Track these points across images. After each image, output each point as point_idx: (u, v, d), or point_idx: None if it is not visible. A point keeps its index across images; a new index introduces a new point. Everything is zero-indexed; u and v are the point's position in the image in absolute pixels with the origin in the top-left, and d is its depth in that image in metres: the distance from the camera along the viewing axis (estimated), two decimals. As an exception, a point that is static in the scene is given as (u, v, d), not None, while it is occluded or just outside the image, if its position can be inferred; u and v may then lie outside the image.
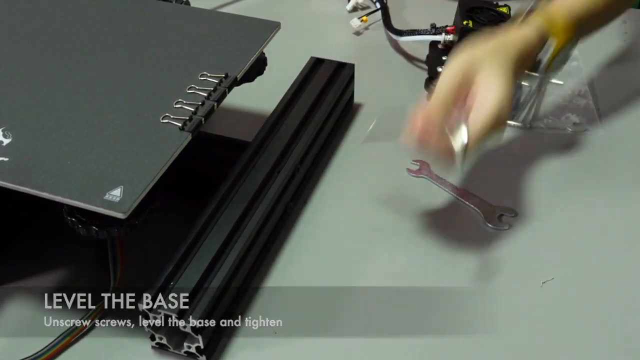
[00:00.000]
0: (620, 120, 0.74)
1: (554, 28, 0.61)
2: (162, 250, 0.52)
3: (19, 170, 0.47)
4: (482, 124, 0.52)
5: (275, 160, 0.60)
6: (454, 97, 0.54)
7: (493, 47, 0.56)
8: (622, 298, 0.55)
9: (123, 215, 0.44)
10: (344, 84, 0.71)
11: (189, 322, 0.47)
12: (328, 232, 0.61)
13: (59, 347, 0.51)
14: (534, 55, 0.61)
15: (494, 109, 0.52)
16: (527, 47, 0.59)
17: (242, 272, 0.54)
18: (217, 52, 0.59)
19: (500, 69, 0.54)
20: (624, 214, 0.63)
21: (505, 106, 0.53)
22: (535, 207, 0.63)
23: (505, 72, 0.55)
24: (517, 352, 0.51)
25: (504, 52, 0.56)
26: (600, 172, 0.67)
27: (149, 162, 0.48)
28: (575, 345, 0.52)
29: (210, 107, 0.53)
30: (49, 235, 0.61)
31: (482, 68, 0.54)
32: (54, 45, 0.59)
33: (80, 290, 0.56)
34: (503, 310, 0.54)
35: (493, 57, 0.55)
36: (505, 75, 0.54)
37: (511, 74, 0.55)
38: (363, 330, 0.53)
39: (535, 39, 0.60)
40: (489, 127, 0.52)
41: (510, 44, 0.58)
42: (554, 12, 0.61)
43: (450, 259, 0.58)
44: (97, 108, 0.53)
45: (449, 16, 0.82)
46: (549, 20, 0.61)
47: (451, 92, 0.54)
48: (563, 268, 0.57)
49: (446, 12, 0.91)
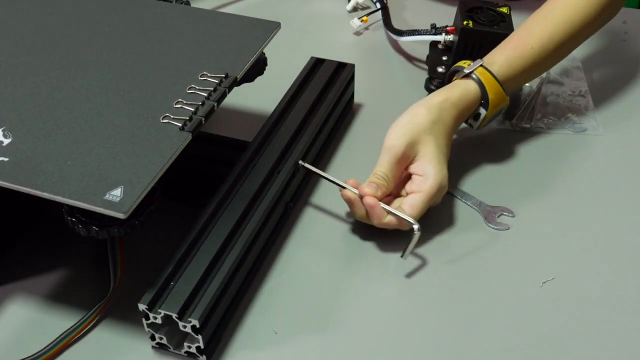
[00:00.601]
0: (620, 120, 0.74)
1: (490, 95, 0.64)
2: (162, 250, 0.52)
3: (19, 170, 0.47)
4: (421, 205, 0.58)
5: (275, 160, 0.60)
6: (395, 175, 0.60)
7: (431, 119, 0.61)
8: (622, 298, 0.55)
9: (123, 216, 0.44)
10: (344, 84, 0.71)
11: (189, 322, 0.47)
12: (328, 232, 0.61)
13: (59, 347, 0.51)
14: (470, 113, 0.66)
15: (431, 193, 0.58)
16: (463, 112, 0.64)
17: (242, 272, 0.54)
18: (217, 52, 0.59)
19: (436, 148, 0.60)
20: (623, 214, 0.63)
21: (442, 187, 0.59)
22: (535, 207, 0.63)
23: (441, 150, 0.60)
24: (517, 352, 0.51)
25: (441, 125, 0.62)
26: (600, 172, 0.67)
27: (149, 162, 0.48)
28: (575, 345, 0.52)
29: (211, 107, 0.53)
30: (49, 235, 0.61)
31: (421, 145, 0.60)
32: (54, 46, 0.60)
33: (80, 290, 0.56)
34: (503, 310, 0.54)
35: (431, 133, 0.60)
36: (440, 154, 0.60)
37: (445, 149, 0.61)
38: (363, 330, 0.53)
39: (472, 101, 0.64)
40: (427, 206, 0.59)
41: (447, 113, 0.62)
42: (492, 80, 0.64)
43: (450, 258, 0.58)
44: (97, 108, 0.53)
45: (449, 16, 0.82)
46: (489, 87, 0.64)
47: (391, 172, 0.59)
48: (563, 268, 0.57)
49: (446, 12, 0.91)
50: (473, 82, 0.64)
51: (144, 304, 0.47)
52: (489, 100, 0.64)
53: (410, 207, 0.58)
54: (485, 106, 0.64)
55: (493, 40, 0.73)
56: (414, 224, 0.56)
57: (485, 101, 0.64)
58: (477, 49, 0.74)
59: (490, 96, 0.64)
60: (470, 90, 0.64)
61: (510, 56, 0.65)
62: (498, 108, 0.65)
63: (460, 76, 0.65)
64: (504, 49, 0.66)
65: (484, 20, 0.74)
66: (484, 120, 0.66)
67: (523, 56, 0.65)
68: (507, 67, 0.65)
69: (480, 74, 0.64)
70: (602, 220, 0.62)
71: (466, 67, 0.65)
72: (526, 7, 0.93)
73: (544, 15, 0.67)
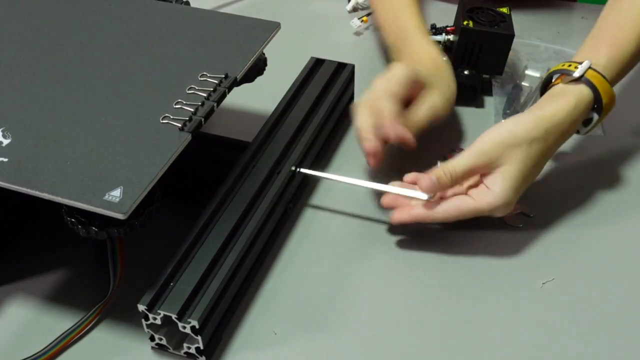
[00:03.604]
0: (620, 120, 0.74)
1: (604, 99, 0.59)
2: (162, 250, 0.52)
3: (18, 170, 0.47)
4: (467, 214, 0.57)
5: (275, 161, 0.60)
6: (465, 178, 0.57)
7: (533, 135, 0.57)
8: (622, 299, 0.55)
9: (123, 216, 0.44)
10: (344, 84, 0.71)
11: (189, 323, 0.47)
12: (328, 232, 0.61)
13: (59, 347, 0.51)
14: (581, 121, 0.61)
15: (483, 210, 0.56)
16: (575, 122, 0.59)
17: (242, 272, 0.54)
18: (217, 52, 0.59)
19: (519, 169, 0.56)
20: (623, 215, 0.63)
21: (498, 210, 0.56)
22: (534, 207, 0.63)
23: (522, 173, 0.56)
24: (517, 352, 0.51)
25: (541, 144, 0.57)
26: (600, 173, 0.67)
27: (149, 162, 0.48)
28: (575, 346, 0.52)
29: (210, 108, 0.53)
30: (49, 235, 0.61)
31: (505, 159, 0.56)
32: (54, 46, 0.60)
33: (80, 290, 0.56)
34: (503, 310, 0.54)
35: (525, 151, 0.56)
36: (520, 177, 0.56)
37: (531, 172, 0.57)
38: (363, 330, 0.53)
39: (587, 108, 0.59)
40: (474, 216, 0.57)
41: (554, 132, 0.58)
42: (604, 82, 0.59)
43: (451, 258, 0.58)
44: (97, 108, 0.53)
45: (449, 16, 0.82)
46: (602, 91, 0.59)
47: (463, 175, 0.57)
48: (563, 268, 0.57)
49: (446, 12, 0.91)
50: (585, 87, 0.59)
51: (143, 305, 0.47)
52: (603, 105, 0.59)
53: (455, 208, 0.56)
54: (599, 111, 0.60)
55: (493, 41, 0.73)
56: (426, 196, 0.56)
57: (599, 105, 0.59)
58: (478, 49, 0.74)
59: (605, 100, 0.59)
60: (585, 96, 0.59)
61: (612, 55, 0.61)
62: (609, 111, 0.61)
63: (567, 80, 0.60)
64: (600, 46, 0.62)
65: (484, 20, 0.74)
66: (595, 125, 0.61)
67: (623, 53, 0.61)
68: (611, 67, 0.61)
69: (592, 77, 0.59)
70: (602, 220, 0.62)
71: (574, 69, 0.60)
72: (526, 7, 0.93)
73: (627, 5, 0.63)
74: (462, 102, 0.75)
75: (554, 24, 0.91)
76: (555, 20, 0.92)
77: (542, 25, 0.91)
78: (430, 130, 0.64)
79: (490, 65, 0.76)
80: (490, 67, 0.76)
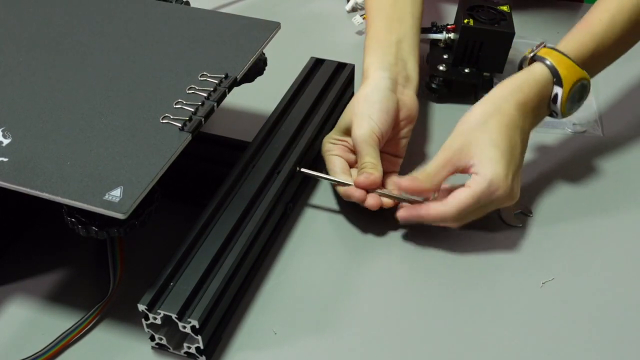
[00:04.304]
0: (620, 120, 0.74)
1: (561, 70, 0.59)
2: (162, 250, 0.52)
3: (18, 170, 0.47)
4: (465, 201, 0.56)
5: (275, 161, 0.60)
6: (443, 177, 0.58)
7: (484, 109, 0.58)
8: (622, 299, 0.55)
9: (123, 216, 0.44)
10: (344, 84, 0.71)
11: (189, 323, 0.47)
12: (328, 232, 0.61)
13: (59, 347, 0.51)
14: (546, 99, 0.61)
15: (477, 191, 0.55)
16: (530, 97, 0.59)
17: (242, 272, 0.54)
18: (217, 52, 0.59)
19: (489, 146, 0.56)
20: (623, 215, 0.63)
21: (494, 188, 0.55)
22: (534, 207, 0.63)
23: (497, 146, 0.56)
24: (517, 352, 0.51)
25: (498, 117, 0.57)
26: (599, 173, 0.67)
27: (149, 162, 0.48)
28: (575, 346, 0.52)
29: (210, 108, 0.53)
30: (49, 235, 0.61)
31: (473, 145, 0.57)
32: (54, 46, 0.59)
33: (80, 290, 0.56)
34: (503, 309, 0.54)
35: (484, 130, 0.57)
36: (497, 151, 0.56)
37: (505, 144, 0.56)
38: (363, 330, 0.53)
39: (541, 83, 0.60)
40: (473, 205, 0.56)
41: (506, 102, 0.58)
42: (559, 56, 0.60)
43: (451, 258, 0.58)
44: (97, 108, 0.53)
45: (449, 14, 0.82)
46: (557, 62, 0.59)
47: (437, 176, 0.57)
48: (563, 268, 0.57)
49: (447, 10, 0.91)
50: (538, 63, 0.60)
51: (143, 305, 0.47)
52: (561, 77, 0.59)
53: (454, 198, 0.56)
54: (559, 83, 0.59)
55: (494, 39, 0.73)
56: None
57: (558, 79, 0.59)
58: (478, 47, 0.74)
59: (562, 72, 0.59)
60: (536, 72, 0.59)
61: (577, 33, 0.61)
62: (576, 84, 0.60)
63: (527, 64, 0.62)
64: (573, 30, 0.62)
65: (484, 18, 0.74)
66: (565, 102, 0.60)
67: (592, 31, 0.61)
68: (574, 42, 0.60)
69: (545, 53, 0.60)
70: (602, 220, 0.62)
71: (528, 53, 0.61)
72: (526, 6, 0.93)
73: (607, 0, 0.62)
74: (463, 100, 0.75)
75: (554, 23, 0.91)
76: (555, 19, 0.92)
77: (542, 24, 0.90)
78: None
79: (491, 63, 0.76)
80: (491, 65, 0.76)
